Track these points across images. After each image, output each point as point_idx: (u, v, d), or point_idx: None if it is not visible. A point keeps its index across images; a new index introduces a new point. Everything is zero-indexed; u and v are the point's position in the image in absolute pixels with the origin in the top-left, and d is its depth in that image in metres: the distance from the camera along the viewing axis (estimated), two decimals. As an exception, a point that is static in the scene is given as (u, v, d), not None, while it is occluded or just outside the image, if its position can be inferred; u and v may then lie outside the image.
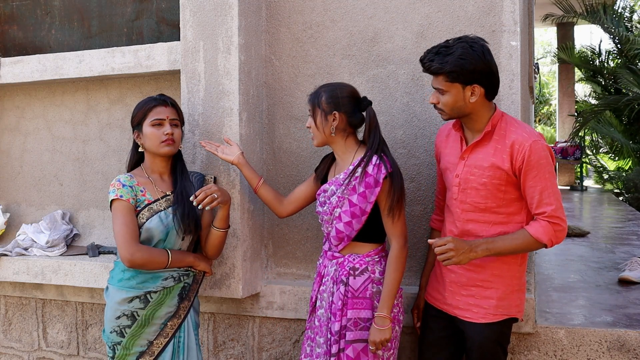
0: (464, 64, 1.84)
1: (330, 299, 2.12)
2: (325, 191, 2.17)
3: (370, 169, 2.04)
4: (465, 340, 2.06)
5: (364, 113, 2.14)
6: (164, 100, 2.18)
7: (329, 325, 2.11)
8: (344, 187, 2.08)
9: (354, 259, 2.11)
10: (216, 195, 2.09)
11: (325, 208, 2.15)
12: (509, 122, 1.96)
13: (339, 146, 2.15)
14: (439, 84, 1.91)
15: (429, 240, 1.92)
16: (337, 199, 2.10)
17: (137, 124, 2.17)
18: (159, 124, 2.13)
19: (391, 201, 2.05)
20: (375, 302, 2.09)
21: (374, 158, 2.06)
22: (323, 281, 2.18)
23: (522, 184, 1.90)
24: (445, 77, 1.88)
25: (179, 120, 2.20)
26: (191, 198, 2.10)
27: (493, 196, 1.94)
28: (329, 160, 2.26)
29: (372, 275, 2.10)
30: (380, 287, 2.10)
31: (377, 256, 2.13)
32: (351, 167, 2.09)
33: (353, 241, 2.12)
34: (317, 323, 2.17)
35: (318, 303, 2.19)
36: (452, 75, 1.86)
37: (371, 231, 2.12)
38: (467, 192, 1.99)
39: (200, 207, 2.08)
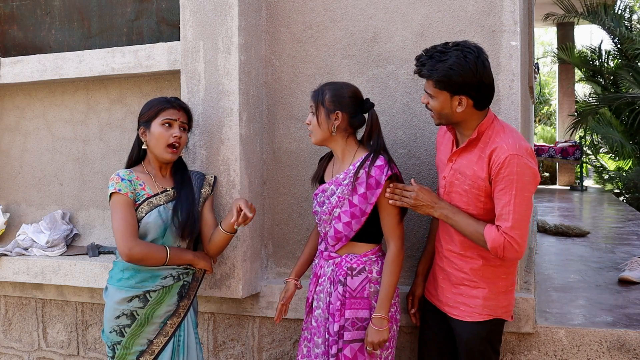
0: (452, 74, 1.81)
1: (328, 299, 2.11)
2: (324, 191, 2.16)
3: (373, 170, 2.04)
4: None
5: (365, 115, 2.14)
6: (179, 104, 2.20)
7: (327, 325, 2.11)
8: (344, 187, 2.08)
9: (351, 259, 2.11)
10: (250, 215, 2.08)
11: (324, 208, 2.14)
12: (498, 130, 1.92)
13: (339, 146, 2.14)
14: (428, 88, 1.91)
15: (412, 179, 2.03)
16: (337, 199, 2.09)
17: (145, 120, 2.17)
18: (168, 124, 2.15)
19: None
20: (372, 301, 2.09)
21: (379, 160, 2.05)
22: (319, 281, 2.17)
23: (492, 193, 1.89)
24: (433, 84, 1.88)
25: (187, 125, 2.23)
26: (232, 220, 2.08)
27: (473, 204, 1.95)
28: (326, 161, 2.27)
29: (370, 275, 2.10)
30: (377, 286, 2.10)
31: (374, 256, 2.13)
32: (351, 168, 2.08)
33: (351, 241, 2.12)
34: (314, 324, 2.17)
35: (315, 304, 2.18)
36: (439, 84, 1.86)
37: (369, 232, 2.12)
38: (451, 195, 2.00)
39: (236, 226, 2.13)
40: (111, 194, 2.10)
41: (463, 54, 1.82)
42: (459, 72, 1.81)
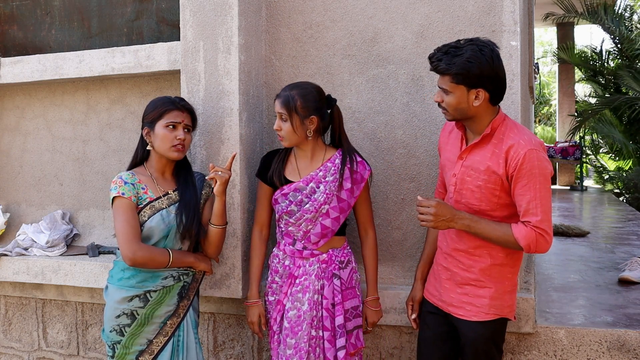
0: (471, 67, 1.83)
1: (317, 296, 2.14)
2: (299, 190, 2.17)
3: (357, 167, 2.18)
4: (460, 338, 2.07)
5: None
6: (183, 106, 2.19)
7: (316, 322, 2.13)
8: (330, 185, 2.14)
9: (338, 253, 2.21)
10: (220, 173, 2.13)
11: (307, 206, 2.15)
12: (510, 126, 1.94)
13: (309, 146, 2.20)
14: (444, 84, 1.91)
15: (418, 196, 1.95)
16: (325, 196, 2.14)
17: (150, 121, 2.16)
18: (173, 126, 2.14)
19: (369, 195, 2.29)
20: (357, 289, 2.25)
21: (357, 157, 2.21)
22: (296, 282, 2.18)
23: (512, 191, 1.89)
24: (450, 78, 1.87)
25: (191, 126, 2.23)
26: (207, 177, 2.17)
27: (487, 200, 1.94)
28: (281, 160, 2.25)
29: (353, 266, 2.25)
30: (356, 275, 2.26)
31: (348, 247, 2.29)
32: (330, 164, 2.17)
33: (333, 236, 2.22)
34: (287, 325, 2.17)
35: (289, 305, 2.18)
36: (457, 78, 1.85)
37: (343, 225, 2.25)
38: (462, 192, 1.99)
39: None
40: (114, 198, 2.09)
41: (478, 47, 1.85)
42: (476, 65, 1.83)
